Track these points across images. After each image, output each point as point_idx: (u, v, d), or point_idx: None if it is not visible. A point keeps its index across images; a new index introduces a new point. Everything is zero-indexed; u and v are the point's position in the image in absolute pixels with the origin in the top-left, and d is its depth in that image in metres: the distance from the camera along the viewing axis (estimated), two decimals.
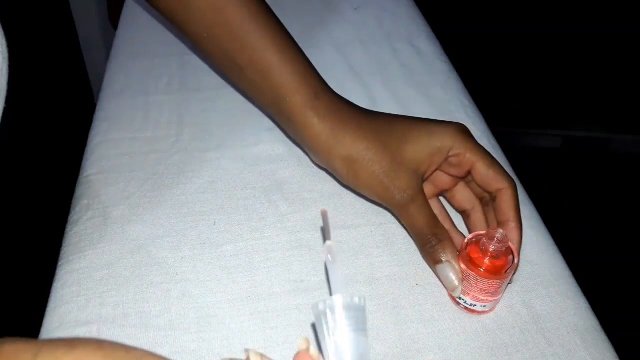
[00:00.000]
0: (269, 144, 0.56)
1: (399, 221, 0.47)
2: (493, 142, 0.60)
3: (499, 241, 0.39)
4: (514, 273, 0.42)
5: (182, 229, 0.48)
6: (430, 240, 0.41)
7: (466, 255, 0.40)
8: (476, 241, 0.41)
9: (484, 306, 0.42)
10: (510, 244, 0.40)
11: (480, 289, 0.40)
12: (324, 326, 0.28)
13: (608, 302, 0.74)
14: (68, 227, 0.49)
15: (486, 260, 0.39)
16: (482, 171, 0.42)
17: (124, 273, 0.44)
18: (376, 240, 0.48)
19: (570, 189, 1.40)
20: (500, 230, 0.39)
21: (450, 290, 0.42)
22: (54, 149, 1.20)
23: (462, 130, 0.43)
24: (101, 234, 0.47)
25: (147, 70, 0.65)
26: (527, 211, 0.51)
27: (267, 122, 0.59)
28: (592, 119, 1.54)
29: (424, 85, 0.66)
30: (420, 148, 0.43)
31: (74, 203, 0.51)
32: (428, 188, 0.46)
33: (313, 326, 0.40)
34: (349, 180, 0.46)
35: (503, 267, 0.39)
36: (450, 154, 0.43)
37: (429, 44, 0.73)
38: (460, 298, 0.42)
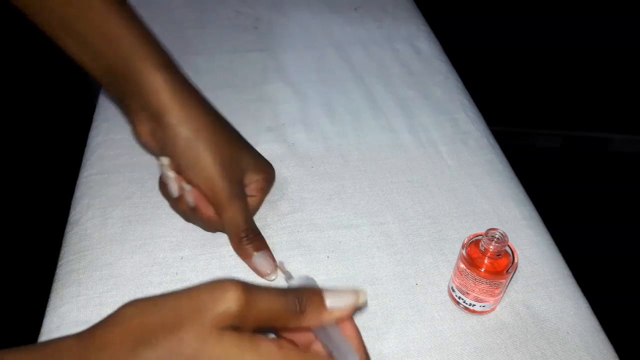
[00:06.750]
0: (269, 144, 0.56)
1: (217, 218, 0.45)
2: (493, 142, 0.60)
3: (498, 241, 0.39)
4: (513, 273, 0.42)
5: (182, 229, 0.48)
6: (249, 234, 0.44)
7: (466, 256, 0.40)
8: (476, 242, 0.41)
9: (483, 306, 0.42)
10: (510, 243, 0.40)
11: (480, 290, 0.40)
12: None
13: (608, 302, 0.74)
14: (68, 228, 0.49)
15: (486, 261, 0.39)
16: None
17: (124, 273, 0.44)
18: (376, 240, 0.48)
19: (570, 189, 1.40)
20: (500, 230, 0.39)
21: (265, 277, 0.43)
22: (54, 149, 1.20)
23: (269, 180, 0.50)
24: (101, 234, 0.47)
25: None
26: (527, 211, 0.51)
27: (267, 122, 0.59)
28: (592, 119, 1.54)
29: (423, 85, 0.66)
30: (255, 164, 0.47)
31: (74, 203, 0.51)
32: None
33: None
34: (183, 156, 0.43)
35: (503, 267, 0.39)
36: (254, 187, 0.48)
37: (429, 44, 0.73)
38: (460, 298, 0.42)
